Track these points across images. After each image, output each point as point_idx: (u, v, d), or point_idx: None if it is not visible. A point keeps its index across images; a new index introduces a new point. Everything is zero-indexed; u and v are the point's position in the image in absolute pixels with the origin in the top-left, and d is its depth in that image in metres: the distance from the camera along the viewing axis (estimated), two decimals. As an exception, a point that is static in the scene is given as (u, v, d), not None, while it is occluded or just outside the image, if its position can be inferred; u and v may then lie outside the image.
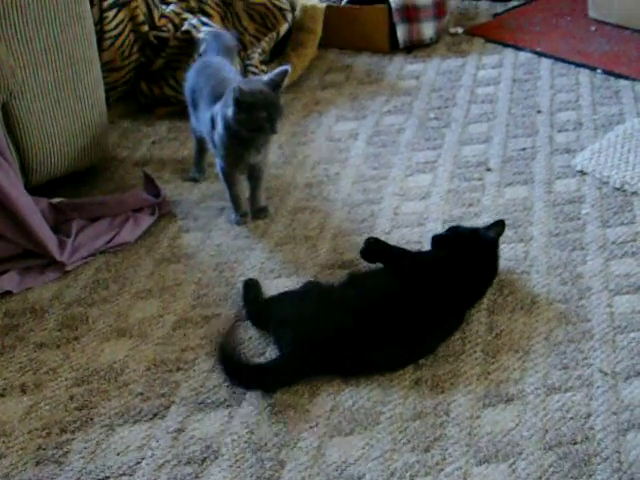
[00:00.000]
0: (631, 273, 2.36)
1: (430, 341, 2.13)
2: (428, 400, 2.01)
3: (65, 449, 1.95)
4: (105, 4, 3.10)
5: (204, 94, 2.66)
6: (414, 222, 2.64)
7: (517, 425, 1.92)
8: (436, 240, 2.38)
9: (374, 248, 2.36)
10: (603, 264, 2.40)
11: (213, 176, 2.87)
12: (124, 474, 1.88)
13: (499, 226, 2.37)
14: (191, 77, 2.79)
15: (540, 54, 3.65)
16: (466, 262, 2.26)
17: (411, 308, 2.12)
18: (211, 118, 2.59)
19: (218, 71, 2.71)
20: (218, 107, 2.55)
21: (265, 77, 2.53)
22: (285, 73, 2.49)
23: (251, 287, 2.36)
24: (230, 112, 2.46)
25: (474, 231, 2.37)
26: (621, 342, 2.13)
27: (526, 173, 2.84)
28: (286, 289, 2.36)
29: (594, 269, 2.38)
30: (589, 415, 1.94)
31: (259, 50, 3.47)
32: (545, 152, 2.95)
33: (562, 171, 2.83)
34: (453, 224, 2.56)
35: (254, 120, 2.45)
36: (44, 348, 2.24)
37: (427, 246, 2.45)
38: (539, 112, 3.21)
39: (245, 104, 2.43)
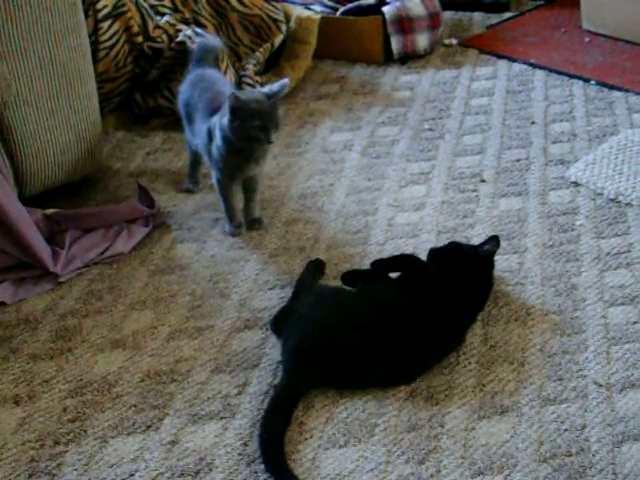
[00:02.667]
0: (625, 284, 2.36)
1: (429, 360, 2.12)
2: (423, 412, 2.00)
3: (58, 461, 1.94)
4: (100, 15, 3.10)
5: (200, 107, 2.66)
6: (408, 233, 2.64)
7: (512, 437, 1.92)
8: (433, 254, 2.36)
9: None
10: (597, 275, 2.40)
11: (207, 187, 2.87)
12: (118, 486, 1.88)
13: (494, 242, 2.36)
14: (185, 90, 2.79)
15: (534, 65, 3.66)
16: (463, 279, 2.25)
17: (413, 327, 2.11)
18: (208, 131, 2.59)
19: (213, 84, 2.71)
20: (215, 119, 2.55)
21: (264, 89, 2.54)
22: (284, 86, 2.50)
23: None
24: (225, 120, 2.46)
25: (472, 248, 2.37)
26: (616, 353, 2.13)
27: (520, 184, 2.84)
28: (280, 300, 2.36)
29: (588, 280, 2.38)
30: (584, 427, 1.93)
31: (253, 61, 3.48)
32: (539, 163, 2.95)
33: (556, 182, 2.84)
34: (447, 236, 2.57)
35: (248, 128, 2.45)
36: (38, 359, 2.24)
37: (422, 258, 2.45)
38: (533, 123, 3.21)
39: (239, 111, 2.43)
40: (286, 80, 2.52)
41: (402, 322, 2.11)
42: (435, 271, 2.29)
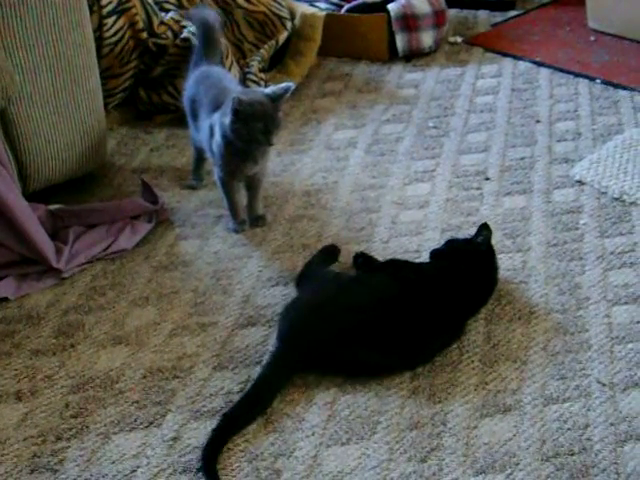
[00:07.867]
0: (629, 283, 2.35)
1: (428, 350, 2.13)
2: (425, 410, 2.00)
3: (60, 457, 1.94)
4: (104, 11, 3.10)
5: (204, 103, 2.66)
6: (412, 231, 2.63)
7: (514, 435, 1.92)
8: (434, 255, 2.37)
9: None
10: (601, 274, 2.39)
11: (211, 184, 2.86)
12: (119, 482, 1.88)
13: (486, 230, 2.36)
14: (190, 87, 2.79)
15: (539, 64, 3.65)
16: (463, 272, 2.26)
17: (410, 315, 2.12)
18: (210, 127, 2.59)
19: (219, 81, 2.71)
20: (217, 116, 2.55)
21: (267, 90, 2.54)
22: (288, 89, 2.49)
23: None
24: (227, 121, 2.46)
25: (468, 241, 2.37)
26: (619, 353, 2.12)
27: (524, 183, 2.83)
28: (283, 297, 2.36)
29: (592, 279, 2.38)
30: (587, 426, 1.93)
31: (258, 58, 3.47)
32: (544, 162, 2.95)
33: (560, 181, 2.83)
34: (451, 234, 2.56)
35: (250, 131, 2.45)
36: (40, 355, 2.24)
37: (425, 255, 2.44)
38: (538, 122, 3.21)
39: (243, 114, 2.43)
40: (291, 84, 2.52)
41: (397, 308, 2.12)
42: (435, 265, 2.33)
